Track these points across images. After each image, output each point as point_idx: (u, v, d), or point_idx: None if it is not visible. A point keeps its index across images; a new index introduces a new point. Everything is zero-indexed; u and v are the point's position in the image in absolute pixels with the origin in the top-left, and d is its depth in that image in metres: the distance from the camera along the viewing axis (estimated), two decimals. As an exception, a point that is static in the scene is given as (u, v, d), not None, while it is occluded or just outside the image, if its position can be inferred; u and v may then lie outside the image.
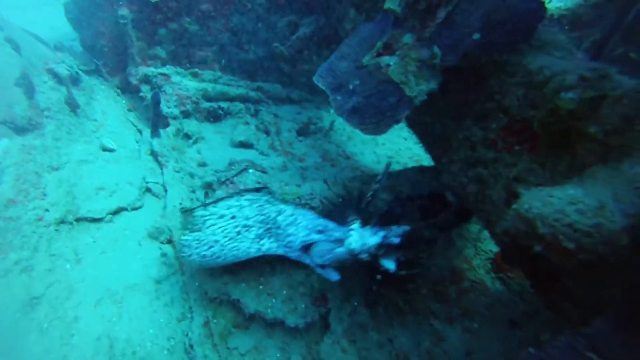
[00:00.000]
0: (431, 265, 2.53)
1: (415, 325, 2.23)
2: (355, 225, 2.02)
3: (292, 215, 2.08)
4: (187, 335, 2.15)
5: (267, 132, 3.98)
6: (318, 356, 2.02)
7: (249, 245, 2.09)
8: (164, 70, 3.85)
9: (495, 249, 2.62)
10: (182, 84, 3.85)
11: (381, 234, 1.94)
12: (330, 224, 2.05)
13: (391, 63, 2.14)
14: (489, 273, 2.51)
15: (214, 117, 4.09)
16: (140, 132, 3.69)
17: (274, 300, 2.19)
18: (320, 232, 2.03)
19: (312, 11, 4.06)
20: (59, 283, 2.12)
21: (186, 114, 3.83)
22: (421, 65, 1.99)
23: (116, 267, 2.38)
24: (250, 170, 2.39)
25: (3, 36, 2.60)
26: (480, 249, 2.67)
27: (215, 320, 2.22)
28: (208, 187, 3.11)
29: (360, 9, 2.77)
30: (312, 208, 2.21)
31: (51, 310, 1.98)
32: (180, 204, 2.82)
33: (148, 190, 2.94)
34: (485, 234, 2.74)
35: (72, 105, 3.11)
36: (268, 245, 2.09)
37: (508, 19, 1.78)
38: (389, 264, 1.93)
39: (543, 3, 1.75)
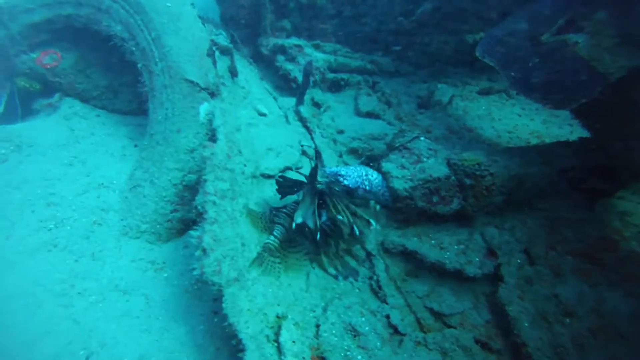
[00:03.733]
0: (581, 232, 2.70)
1: (575, 285, 2.43)
2: None
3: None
4: (371, 278, 2.48)
5: (388, 104, 4.18)
6: (498, 302, 2.28)
7: None
8: (297, 41, 4.10)
9: (646, 222, 2.74)
10: (312, 55, 4.10)
11: None
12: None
13: (579, 40, 2.24)
14: (642, 244, 2.64)
15: (335, 87, 4.33)
16: (275, 99, 4.01)
17: (448, 253, 2.46)
18: None
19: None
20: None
21: (314, 84, 4.10)
22: (621, 41, 2.09)
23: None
24: (422, 138, 2.61)
25: (196, 12, 2.92)
26: (628, 222, 2.79)
27: (390, 268, 2.54)
28: (353, 152, 3.40)
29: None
30: (491, 174, 2.42)
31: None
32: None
33: (303, 153, 3.26)
34: (633, 208, 2.85)
35: (233, 74, 3.45)
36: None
37: None
38: None
39: None
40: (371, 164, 2.79)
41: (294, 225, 2.18)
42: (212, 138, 2.51)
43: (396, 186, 2.47)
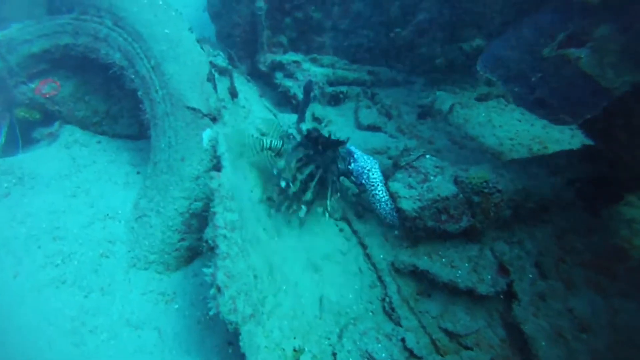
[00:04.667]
0: (589, 243, 2.70)
1: (588, 298, 2.43)
2: None
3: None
4: (383, 300, 2.47)
5: (389, 115, 4.17)
6: (513, 321, 2.28)
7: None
8: (295, 57, 4.10)
9: (654, 229, 2.74)
10: (310, 70, 4.10)
11: None
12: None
13: (582, 55, 2.24)
14: (651, 252, 2.64)
15: (335, 100, 4.33)
16: (275, 115, 3.99)
17: (459, 271, 2.45)
18: None
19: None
20: (276, 253, 2.49)
21: (314, 99, 4.09)
22: (624, 56, 2.09)
23: (307, 239, 2.72)
24: (428, 156, 2.61)
25: (194, 37, 2.91)
26: (636, 230, 2.79)
27: (402, 289, 2.53)
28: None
29: None
30: (499, 191, 2.42)
31: (281, 275, 2.34)
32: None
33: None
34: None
35: (233, 94, 3.44)
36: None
37: None
38: None
39: None
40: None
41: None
42: (217, 166, 2.49)
43: (404, 207, 2.46)
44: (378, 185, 2.61)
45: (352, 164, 2.75)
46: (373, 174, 2.65)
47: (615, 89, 2.10)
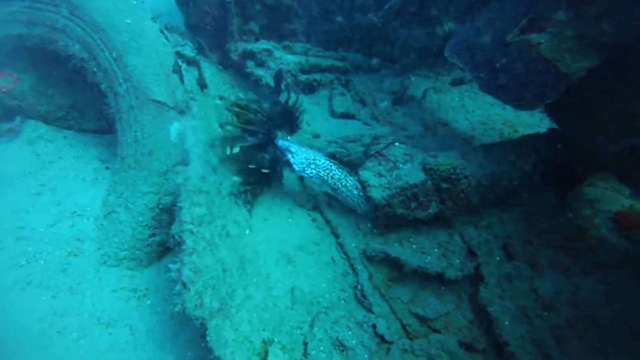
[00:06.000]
0: (555, 224, 2.79)
1: (551, 277, 2.52)
2: None
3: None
4: (355, 287, 2.50)
5: (363, 103, 4.16)
6: (480, 303, 2.35)
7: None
8: (266, 45, 4.02)
9: (614, 209, 2.85)
10: (283, 59, 4.03)
11: None
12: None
13: (542, 41, 2.27)
14: (611, 231, 2.75)
15: (309, 89, 4.28)
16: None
17: (429, 257, 2.50)
18: None
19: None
20: (247, 246, 2.48)
21: (287, 87, 4.04)
22: (580, 42, 2.12)
23: (279, 232, 2.73)
24: (397, 144, 2.62)
25: (158, 27, 2.82)
26: (597, 209, 2.89)
27: (374, 276, 2.56)
28: (331, 157, 3.38)
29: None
30: (466, 177, 2.46)
31: (253, 268, 2.35)
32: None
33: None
34: (601, 195, 2.96)
35: (202, 86, 3.36)
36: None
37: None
38: None
39: None
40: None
41: None
42: (185, 161, 2.45)
43: (374, 195, 2.48)
44: (333, 169, 2.64)
45: (293, 158, 2.71)
46: (320, 161, 2.69)
47: (572, 74, 2.14)
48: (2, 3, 2.88)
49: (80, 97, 3.43)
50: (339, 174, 2.62)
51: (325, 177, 2.62)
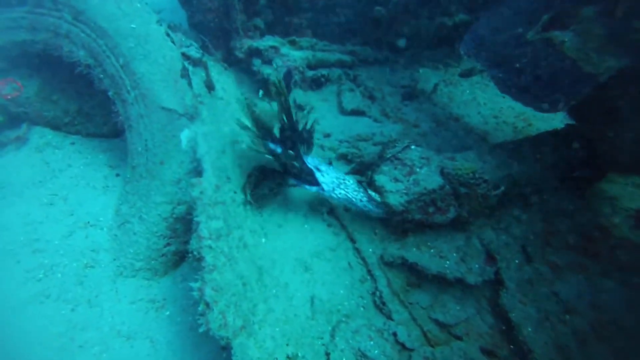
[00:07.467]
0: (574, 224, 2.74)
1: (572, 280, 2.49)
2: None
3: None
4: (374, 294, 2.49)
5: (372, 98, 4.08)
6: (501, 309, 2.33)
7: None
8: (272, 42, 3.92)
9: (634, 206, 2.80)
10: (289, 55, 3.93)
11: None
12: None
13: (566, 39, 2.18)
14: (632, 230, 2.70)
15: (316, 84, 4.20)
16: (255, 105, 3.86)
17: (448, 262, 2.48)
18: None
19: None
20: (264, 256, 2.46)
21: (295, 84, 3.96)
22: (608, 40, 2.04)
23: (295, 238, 2.70)
24: (413, 147, 2.57)
25: (164, 31, 2.73)
26: (617, 207, 2.84)
27: (392, 282, 2.54)
28: (343, 158, 3.34)
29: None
30: (485, 181, 2.41)
31: (271, 279, 2.33)
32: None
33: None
34: (621, 191, 2.91)
35: (209, 87, 3.28)
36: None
37: None
38: None
39: None
40: (362, 173, 2.74)
41: None
42: (198, 170, 2.41)
43: (392, 201, 2.44)
44: (361, 191, 2.58)
45: (322, 177, 2.62)
46: (349, 181, 2.61)
47: (599, 74, 2.06)
48: (3, 10, 2.80)
49: (86, 101, 3.37)
50: (364, 196, 2.57)
51: (354, 200, 2.55)
